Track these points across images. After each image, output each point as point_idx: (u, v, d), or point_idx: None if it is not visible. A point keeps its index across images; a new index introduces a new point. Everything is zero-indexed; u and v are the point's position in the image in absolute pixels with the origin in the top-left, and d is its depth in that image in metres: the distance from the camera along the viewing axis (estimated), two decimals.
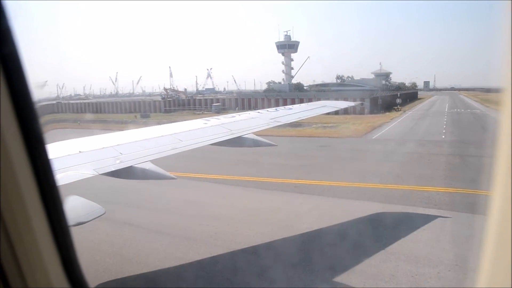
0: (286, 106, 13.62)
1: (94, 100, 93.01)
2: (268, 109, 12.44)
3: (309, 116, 12.61)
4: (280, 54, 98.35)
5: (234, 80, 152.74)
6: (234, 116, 10.56)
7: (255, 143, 8.85)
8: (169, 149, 7.43)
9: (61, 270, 1.32)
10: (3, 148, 1.11)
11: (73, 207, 5.17)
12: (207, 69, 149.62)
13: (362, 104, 29.54)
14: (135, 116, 57.46)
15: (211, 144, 8.33)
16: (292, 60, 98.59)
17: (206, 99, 77.17)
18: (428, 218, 11.10)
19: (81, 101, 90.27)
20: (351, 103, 20.71)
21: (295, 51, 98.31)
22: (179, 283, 8.17)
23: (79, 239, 1.50)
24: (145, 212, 12.91)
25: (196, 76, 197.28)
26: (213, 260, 8.99)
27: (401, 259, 8.64)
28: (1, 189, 1.13)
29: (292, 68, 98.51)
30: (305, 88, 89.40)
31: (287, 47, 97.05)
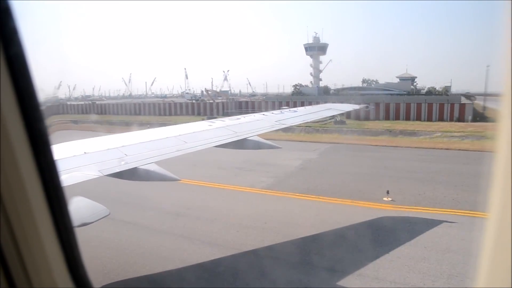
0: (291, 109, 13.61)
1: (114, 102, 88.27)
2: (273, 111, 12.45)
3: (314, 119, 12.61)
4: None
5: (249, 83, 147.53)
6: (239, 118, 10.57)
7: (260, 146, 8.86)
8: (174, 150, 7.45)
9: (66, 270, 1.32)
10: (9, 148, 1.12)
11: (78, 208, 5.19)
12: (223, 71, 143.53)
13: (367, 107, 29.21)
14: (202, 119, 54.18)
15: (215, 146, 8.34)
16: (320, 62, 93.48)
17: (261, 102, 68.25)
18: None
19: (98, 102, 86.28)
20: (356, 106, 20.56)
21: (324, 53, 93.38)
22: None
23: (84, 240, 1.50)
24: None
25: (212, 78, 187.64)
26: None
27: None
28: (6, 189, 1.14)
29: (321, 71, 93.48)
30: (331, 91, 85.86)
31: (317, 49, 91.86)
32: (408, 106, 49.91)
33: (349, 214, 12.83)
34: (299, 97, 70.06)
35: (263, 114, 11.67)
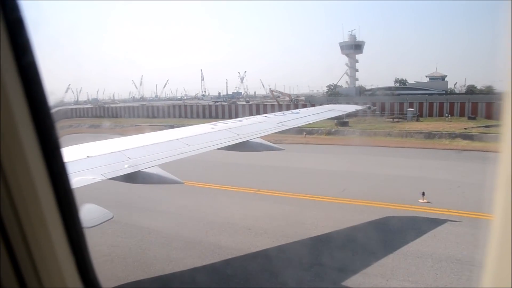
0: (293, 110, 13.62)
1: (129, 104, 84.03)
2: (275, 113, 12.46)
3: (317, 120, 12.59)
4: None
5: (262, 84, 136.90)
6: (242, 121, 10.59)
7: (263, 148, 8.87)
8: (177, 153, 7.47)
9: (76, 271, 1.34)
10: (20, 152, 1.14)
11: (81, 211, 5.20)
12: (239, 73, 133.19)
13: (369, 107, 29.10)
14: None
15: (218, 149, 8.36)
16: (357, 61, 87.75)
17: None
18: None
19: (114, 105, 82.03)
20: (358, 107, 20.52)
21: (361, 52, 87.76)
22: None
23: (93, 242, 1.51)
24: None
25: (227, 80, 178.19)
26: None
27: None
28: (18, 192, 1.16)
29: (357, 70, 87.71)
30: (367, 92, 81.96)
31: (354, 48, 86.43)
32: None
33: None
34: (336, 97, 65.27)
35: (265, 116, 11.67)
